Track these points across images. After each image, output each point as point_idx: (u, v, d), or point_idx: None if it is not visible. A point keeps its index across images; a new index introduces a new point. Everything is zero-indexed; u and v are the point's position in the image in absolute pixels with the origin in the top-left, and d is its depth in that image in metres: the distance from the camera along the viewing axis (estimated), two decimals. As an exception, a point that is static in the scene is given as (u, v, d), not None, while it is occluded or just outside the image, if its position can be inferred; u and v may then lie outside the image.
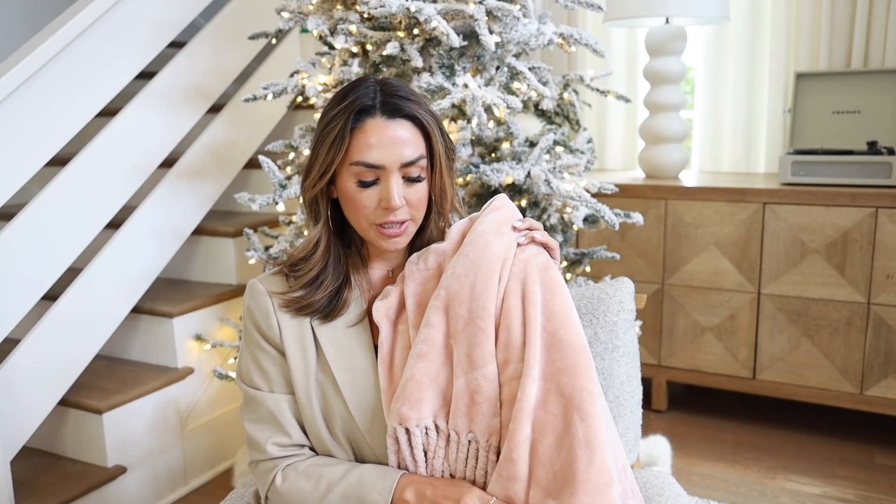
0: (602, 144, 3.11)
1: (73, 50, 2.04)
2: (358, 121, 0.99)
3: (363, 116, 1.00)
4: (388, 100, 1.01)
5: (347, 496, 0.99)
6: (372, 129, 0.99)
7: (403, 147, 1.00)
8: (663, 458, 2.20)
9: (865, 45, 2.56)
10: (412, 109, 1.01)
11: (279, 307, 1.06)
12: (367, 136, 0.99)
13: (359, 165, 0.99)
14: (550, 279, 1.03)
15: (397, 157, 0.99)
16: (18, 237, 1.92)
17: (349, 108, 1.00)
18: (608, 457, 0.92)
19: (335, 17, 1.84)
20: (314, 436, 1.06)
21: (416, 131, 1.02)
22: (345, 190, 1.02)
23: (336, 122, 1.00)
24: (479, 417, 0.98)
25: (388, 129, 0.99)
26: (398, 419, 0.99)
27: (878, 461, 2.32)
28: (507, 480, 0.94)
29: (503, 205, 1.09)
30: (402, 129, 1.00)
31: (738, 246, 2.43)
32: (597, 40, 1.85)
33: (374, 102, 1.00)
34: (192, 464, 2.33)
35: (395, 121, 1.00)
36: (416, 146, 1.01)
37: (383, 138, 0.99)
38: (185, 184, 2.40)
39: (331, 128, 1.00)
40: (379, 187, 1.01)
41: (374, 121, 0.99)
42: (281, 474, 1.04)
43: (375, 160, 0.99)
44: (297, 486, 1.02)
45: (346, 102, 1.00)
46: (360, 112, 1.00)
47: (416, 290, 1.06)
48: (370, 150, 0.99)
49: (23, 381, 1.91)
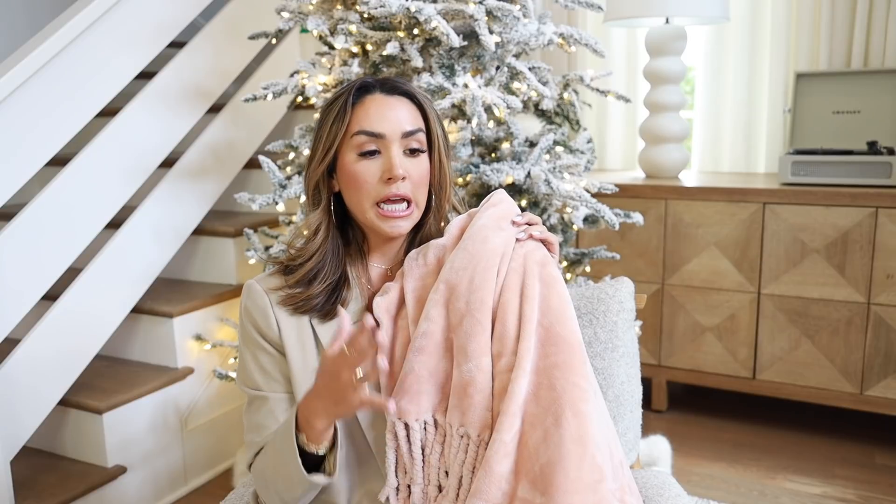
0: (602, 144, 3.11)
1: (74, 50, 2.04)
2: (358, 97, 1.04)
3: (363, 93, 1.05)
4: (387, 81, 1.07)
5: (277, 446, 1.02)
6: (371, 102, 1.04)
7: (403, 118, 1.04)
8: (663, 458, 2.20)
9: (865, 45, 2.56)
10: (410, 88, 1.08)
11: (277, 304, 1.06)
12: (368, 108, 1.04)
13: (360, 135, 1.02)
14: (548, 275, 1.03)
15: (397, 127, 1.03)
16: (18, 237, 1.92)
17: (349, 87, 1.05)
18: (599, 453, 0.92)
19: (335, 17, 1.84)
20: None
21: (413, 108, 1.07)
22: (346, 168, 1.04)
23: (337, 102, 1.04)
24: (471, 411, 0.97)
25: (388, 102, 1.05)
26: (398, 413, 0.99)
27: (878, 461, 2.32)
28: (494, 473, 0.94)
29: (501, 200, 1.10)
30: (400, 103, 1.06)
31: (738, 246, 2.43)
32: (597, 40, 1.85)
33: (374, 83, 1.06)
34: (192, 464, 2.33)
35: (393, 96, 1.06)
36: (414, 120, 1.06)
37: (384, 110, 1.04)
38: (185, 184, 2.40)
39: (332, 107, 1.05)
40: (381, 159, 1.03)
41: (373, 96, 1.05)
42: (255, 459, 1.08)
43: (376, 128, 1.02)
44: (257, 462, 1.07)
45: (346, 86, 1.06)
46: (360, 89, 1.05)
47: (415, 286, 1.06)
48: (370, 120, 1.03)
49: (23, 381, 1.92)
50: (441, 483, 1.01)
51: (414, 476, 1.00)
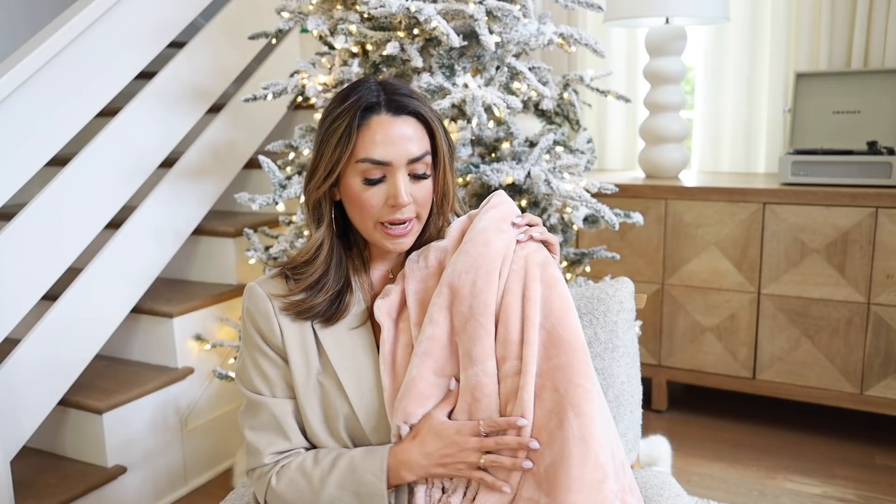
0: (602, 144, 3.11)
1: (74, 50, 2.04)
2: (363, 118, 0.99)
3: (368, 114, 1.00)
4: (393, 97, 1.01)
5: (343, 484, 0.99)
6: (378, 125, 0.99)
7: (409, 143, 1.00)
8: (663, 458, 2.20)
9: (865, 45, 2.56)
10: (416, 106, 1.02)
11: (280, 310, 1.05)
12: (373, 132, 0.99)
13: (365, 163, 0.99)
14: (549, 276, 1.03)
15: (404, 154, 0.99)
16: (18, 237, 1.92)
17: (354, 105, 0.99)
18: (602, 454, 0.92)
19: (335, 17, 1.84)
20: (315, 439, 1.05)
21: (420, 128, 1.02)
22: (350, 189, 1.02)
23: (341, 121, 0.99)
24: (478, 413, 0.98)
25: (394, 126, 1.00)
26: (403, 417, 0.99)
27: (878, 461, 2.32)
28: None
29: (501, 201, 1.10)
30: (407, 125, 1.01)
31: (738, 246, 2.43)
32: (597, 40, 1.85)
33: (379, 100, 1.00)
34: (192, 464, 2.33)
35: (400, 117, 1.00)
36: (421, 143, 1.01)
37: (389, 135, 0.99)
38: (185, 184, 2.40)
39: (335, 126, 1.00)
40: (385, 185, 1.00)
41: (379, 118, 1.00)
42: (276, 476, 1.04)
43: (382, 156, 0.99)
44: (293, 483, 1.02)
45: (350, 101, 1.00)
46: (366, 109, 0.99)
47: (417, 289, 1.06)
48: (377, 147, 0.98)
49: (23, 381, 1.91)
50: (444, 485, 1.01)
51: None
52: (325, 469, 1.00)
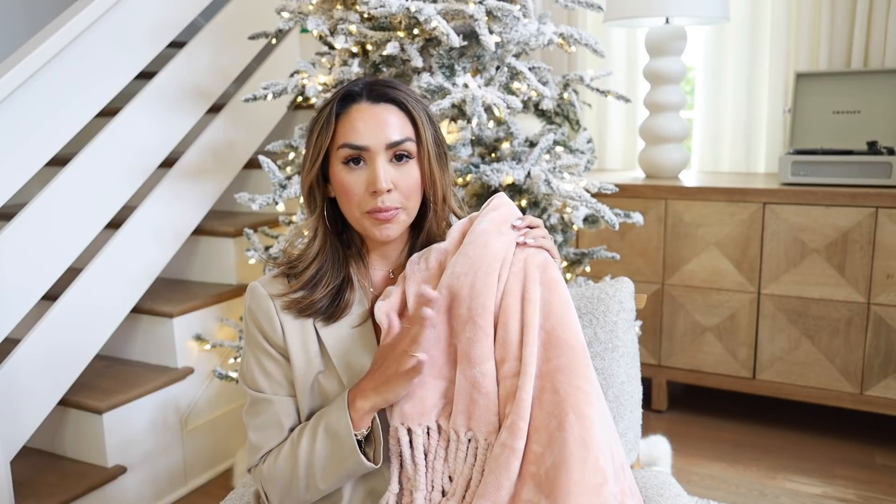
0: (602, 144, 3.11)
1: (73, 50, 2.04)
2: (343, 106, 1.03)
3: (348, 102, 1.03)
4: (374, 87, 1.04)
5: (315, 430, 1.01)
6: (356, 112, 1.02)
7: (388, 128, 1.02)
8: (663, 458, 2.20)
9: (865, 45, 2.56)
10: (397, 95, 1.04)
11: (282, 309, 1.06)
12: (353, 119, 1.02)
13: (345, 148, 1.02)
14: (549, 278, 1.03)
15: (382, 138, 1.01)
16: (18, 237, 1.92)
17: (335, 96, 1.04)
18: (602, 456, 0.92)
19: (335, 17, 1.84)
20: None
21: (402, 115, 1.04)
22: (335, 178, 1.04)
23: (324, 110, 1.04)
24: (477, 415, 0.98)
25: (373, 112, 1.02)
26: (401, 418, 0.99)
27: (878, 461, 2.32)
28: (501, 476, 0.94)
29: (502, 203, 1.10)
30: (387, 112, 1.03)
31: (738, 246, 2.43)
32: (597, 40, 1.85)
33: (360, 90, 1.04)
34: (192, 464, 2.33)
35: (379, 105, 1.03)
36: (402, 129, 1.03)
37: (368, 121, 1.02)
38: (185, 184, 2.40)
39: (319, 116, 1.04)
40: (366, 169, 1.02)
41: (358, 105, 1.03)
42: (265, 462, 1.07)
43: (360, 141, 1.01)
44: (277, 454, 1.05)
45: (334, 93, 1.05)
46: (346, 98, 1.04)
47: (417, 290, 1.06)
48: (355, 132, 1.01)
49: (23, 381, 1.92)
50: (444, 487, 1.01)
51: (416, 482, 1.00)
52: (299, 430, 1.04)
